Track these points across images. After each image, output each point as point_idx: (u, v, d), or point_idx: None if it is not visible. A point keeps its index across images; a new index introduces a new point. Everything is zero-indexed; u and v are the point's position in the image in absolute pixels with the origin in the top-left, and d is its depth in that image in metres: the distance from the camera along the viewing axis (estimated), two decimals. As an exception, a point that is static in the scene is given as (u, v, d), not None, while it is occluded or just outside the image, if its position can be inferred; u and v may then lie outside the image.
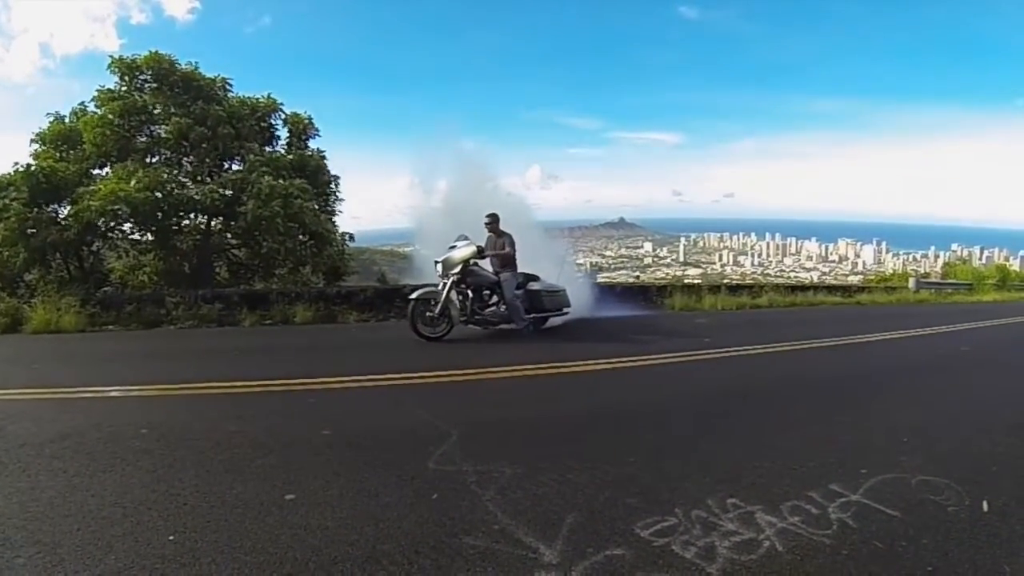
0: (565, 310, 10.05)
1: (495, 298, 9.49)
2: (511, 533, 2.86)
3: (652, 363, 7.43)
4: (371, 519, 3.05)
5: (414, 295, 9.01)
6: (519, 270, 9.67)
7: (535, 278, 9.83)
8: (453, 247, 9.17)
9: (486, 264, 9.67)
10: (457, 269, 8.93)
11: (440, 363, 7.13)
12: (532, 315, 9.58)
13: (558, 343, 9.00)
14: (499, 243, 9.60)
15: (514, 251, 9.57)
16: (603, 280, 23.76)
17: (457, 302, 9.05)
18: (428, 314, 8.82)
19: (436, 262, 9.24)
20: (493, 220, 9.69)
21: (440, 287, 8.93)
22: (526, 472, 3.62)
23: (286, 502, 3.29)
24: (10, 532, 2.97)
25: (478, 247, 9.15)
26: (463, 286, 9.13)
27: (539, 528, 2.91)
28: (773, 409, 5.45)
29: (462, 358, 7.56)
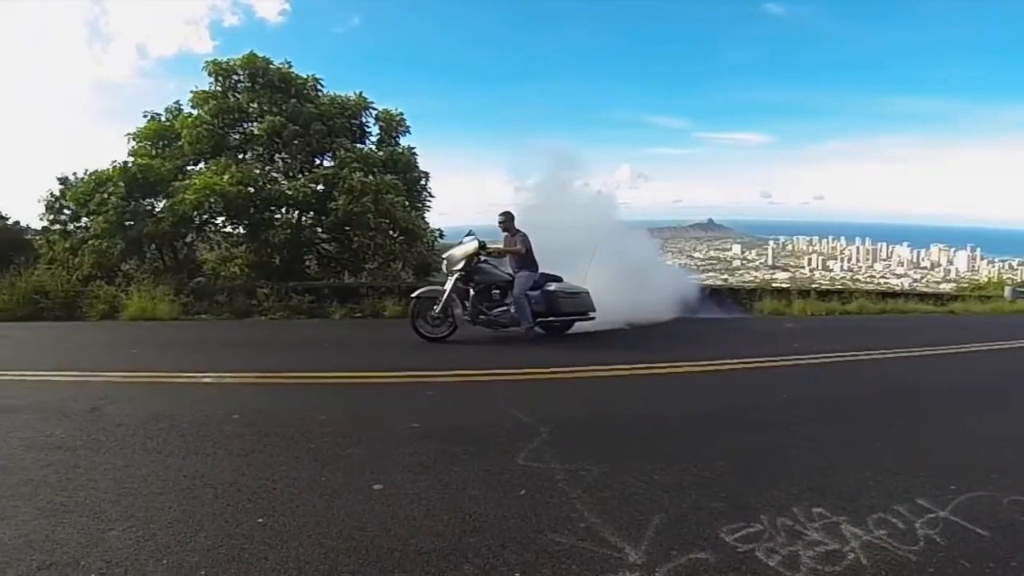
0: (591, 314, 9.40)
1: (510, 298, 9.06)
2: (597, 532, 2.88)
3: (741, 367, 7.38)
4: (458, 512, 3.09)
5: (416, 293, 8.94)
6: (541, 270, 9.28)
7: (556, 278, 9.36)
8: (460, 243, 9.06)
9: (505, 264, 9.43)
10: (459, 266, 8.70)
11: (530, 360, 7.16)
12: (551, 318, 9.13)
13: (648, 343, 8.95)
14: (511, 241, 9.34)
15: (528, 249, 9.21)
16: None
17: (461, 301, 8.78)
18: (431, 313, 8.69)
19: (442, 258, 9.18)
20: (506, 219, 9.43)
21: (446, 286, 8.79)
22: (613, 471, 3.64)
23: (374, 491, 3.35)
24: (105, 506, 3.14)
25: (480, 243, 8.89)
26: (471, 284, 8.85)
27: (625, 528, 2.92)
28: (862, 418, 5.26)
29: (553, 356, 7.57)
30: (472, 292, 8.78)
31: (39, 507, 3.14)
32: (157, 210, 15.59)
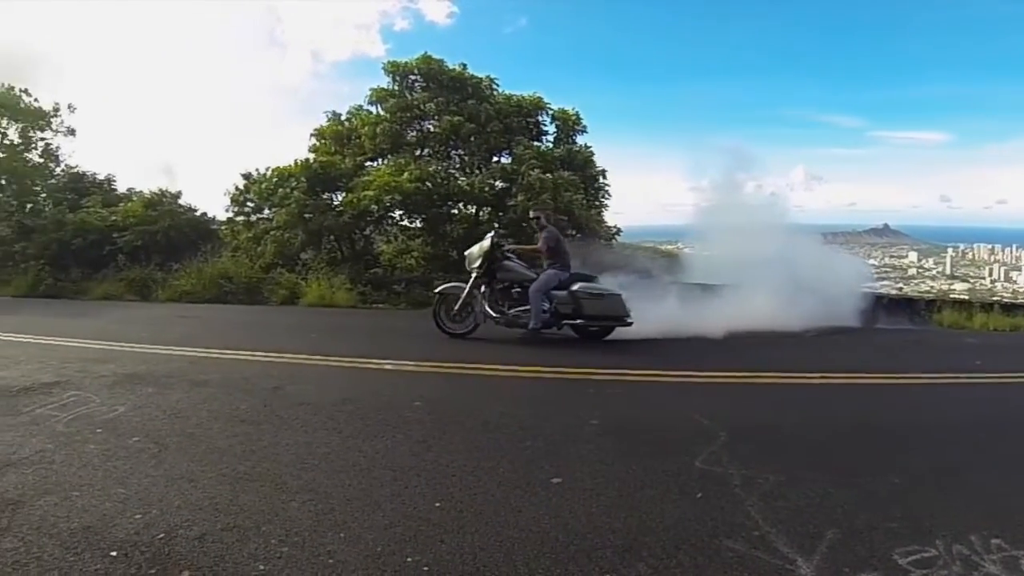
0: (627, 319, 8.69)
1: None
2: (770, 541, 2.89)
3: (918, 382, 7.08)
4: (634, 511, 3.15)
5: (439, 288, 9.05)
6: (574, 270, 8.84)
7: (588, 278, 8.82)
8: (481, 240, 8.93)
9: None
10: (477, 263, 8.56)
11: (712, 363, 7.10)
12: (578, 321, 8.63)
13: (825, 352, 8.75)
14: (537, 239, 8.98)
15: (551, 247, 8.78)
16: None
17: (481, 298, 8.65)
18: (452, 310, 8.77)
19: (464, 255, 9.13)
20: (538, 216, 9.17)
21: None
22: (789, 481, 3.62)
23: (552, 485, 3.38)
24: (286, 478, 3.36)
25: (492, 240, 8.69)
26: (494, 282, 8.72)
27: (798, 540, 2.91)
28: (1054, 445, 4.75)
29: (733, 360, 7.53)
30: (489, 289, 8.75)
31: (224, 473, 3.42)
32: (336, 204, 16.68)
